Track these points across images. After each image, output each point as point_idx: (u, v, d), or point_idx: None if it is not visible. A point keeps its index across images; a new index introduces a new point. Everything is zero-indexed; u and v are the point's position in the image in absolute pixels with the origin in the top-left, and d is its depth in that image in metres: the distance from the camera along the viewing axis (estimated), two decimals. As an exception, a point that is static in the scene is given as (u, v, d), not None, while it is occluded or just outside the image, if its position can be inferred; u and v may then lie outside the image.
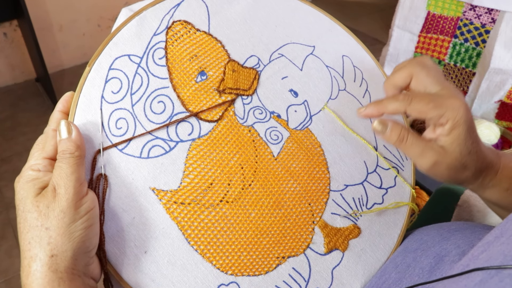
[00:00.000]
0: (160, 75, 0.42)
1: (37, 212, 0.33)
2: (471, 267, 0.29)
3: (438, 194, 0.64)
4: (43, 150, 0.37)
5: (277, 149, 0.44)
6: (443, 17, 1.18)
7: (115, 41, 0.42)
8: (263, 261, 0.41)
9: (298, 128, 0.46)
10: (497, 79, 1.16)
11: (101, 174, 0.38)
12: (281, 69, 0.47)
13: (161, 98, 0.41)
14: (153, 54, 0.42)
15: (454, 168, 0.39)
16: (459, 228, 0.40)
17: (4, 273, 1.21)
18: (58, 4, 1.95)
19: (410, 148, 0.39)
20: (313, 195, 0.44)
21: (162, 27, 0.44)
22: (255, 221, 0.41)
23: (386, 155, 0.49)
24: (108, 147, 0.38)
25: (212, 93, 0.43)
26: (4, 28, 1.88)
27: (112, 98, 0.40)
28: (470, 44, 1.18)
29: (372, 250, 0.45)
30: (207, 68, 0.44)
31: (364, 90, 0.51)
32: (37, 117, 1.83)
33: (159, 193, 0.39)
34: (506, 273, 0.25)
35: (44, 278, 0.32)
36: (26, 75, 2.03)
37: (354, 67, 0.51)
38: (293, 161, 0.44)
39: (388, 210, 0.47)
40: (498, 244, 0.29)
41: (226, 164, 0.42)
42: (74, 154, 0.35)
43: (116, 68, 0.41)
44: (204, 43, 0.45)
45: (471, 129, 0.38)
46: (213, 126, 0.42)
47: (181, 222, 0.39)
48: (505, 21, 1.09)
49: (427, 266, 0.38)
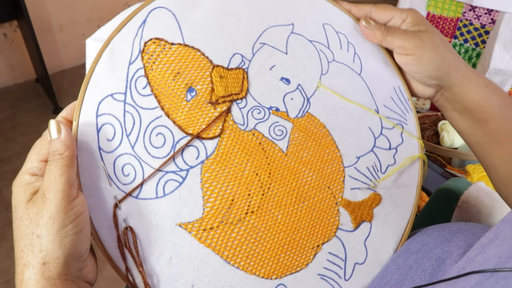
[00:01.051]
0: (149, 106, 0.40)
1: (28, 219, 0.33)
2: (466, 269, 0.30)
3: (438, 194, 0.65)
4: (39, 152, 0.37)
5: (285, 143, 0.44)
6: (442, 18, 1.17)
7: (92, 84, 0.39)
8: (301, 256, 0.42)
9: (299, 116, 0.45)
10: (496, 80, 1.15)
11: (126, 228, 0.37)
12: (266, 59, 0.45)
13: (158, 130, 0.40)
14: (136, 86, 0.40)
15: (430, 61, 0.45)
16: (460, 229, 0.41)
17: (4, 274, 1.23)
18: (58, 5, 1.90)
19: (392, 41, 0.47)
20: (330, 177, 0.45)
21: (135, 52, 0.41)
22: (283, 221, 0.42)
23: (388, 115, 0.49)
24: (123, 199, 0.38)
25: (207, 108, 0.42)
26: (4, 29, 1.83)
27: (109, 146, 0.38)
28: (470, 44, 1.17)
29: (396, 211, 0.47)
30: (194, 82, 0.42)
31: (353, 54, 0.49)
32: (37, 117, 1.81)
33: (186, 227, 0.39)
34: (502, 275, 0.26)
35: (37, 285, 0.32)
36: (26, 75, 2.00)
37: (337, 33, 0.49)
38: (303, 151, 0.44)
39: (402, 167, 0.48)
40: (493, 246, 0.30)
41: (241, 176, 0.42)
42: (63, 155, 0.34)
43: (103, 113, 0.39)
44: (183, 56, 0.42)
45: (438, 33, 0.46)
46: (218, 142, 0.42)
47: (216, 247, 0.40)
48: (504, 22, 1.09)
49: (429, 268, 0.39)
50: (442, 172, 0.87)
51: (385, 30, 0.47)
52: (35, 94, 1.94)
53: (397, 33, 0.46)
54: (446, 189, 0.63)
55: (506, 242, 0.30)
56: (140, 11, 0.42)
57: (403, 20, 0.47)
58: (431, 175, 0.84)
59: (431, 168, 1.08)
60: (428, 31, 0.45)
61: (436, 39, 0.45)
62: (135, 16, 0.41)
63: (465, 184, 0.62)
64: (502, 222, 0.33)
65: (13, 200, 0.35)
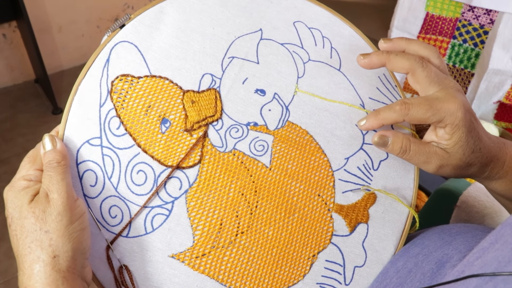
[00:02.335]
0: (126, 145, 0.41)
1: (34, 217, 0.35)
2: (466, 273, 0.29)
3: (436, 195, 0.63)
4: (34, 162, 0.39)
5: (267, 158, 0.44)
6: (441, 18, 1.17)
7: (68, 133, 0.40)
8: (297, 268, 0.43)
9: (279, 127, 0.44)
10: (495, 80, 1.16)
11: (121, 267, 0.39)
12: (238, 73, 0.44)
13: (138, 167, 0.41)
14: (109, 127, 0.41)
15: (459, 168, 0.40)
16: (460, 231, 0.40)
17: (3, 274, 1.25)
18: (57, 5, 1.90)
19: (414, 157, 0.41)
20: (319, 184, 0.44)
21: (104, 94, 0.41)
22: (274, 237, 0.43)
23: (375, 107, 0.47)
24: (114, 240, 0.40)
25: (183, 136, 0.42)
26: (3, 29, 1.86)
27: (93, 192, 0.40)
28: (469, 45, 1.17)
29: (393, 207, 0.46)
30: (167, 113, 0.42)
31: (329, 49, 0.47)
32: (36, 118, 1.83)
33: (179, 257, 0.41)
34: (500, 279, 0.26)
35: (48, 277, 0.33)
36: (25, 76, 2.03)
37: (309, 29, 0.47)
38: (287, 162, 0.44)
39: (396, 159, 0.46)
40: (493, 250, 0.29)
41: (227, 199, 0.42)
42: (61, 163, 0.37)
43: (82, 161, 0.40)
44: (152, 88, 0.42)
45: (472, 129, 0.38)
46: (199, 169, 0.42)
47: (211, 272, 0.41)
48: (503, 22, 1.10)
49: (428, 272, 0.38)
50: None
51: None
52: (34, 94, 1.94)
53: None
54: (445, 189, 0.62)
55: (506, 246, 0.29)
56: (102, 50, 0.42)
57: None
58: (430, 175, 0.81)
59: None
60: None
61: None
62: (98, 56, 0.41)
63: (464, 184, 0.61)
64: (503, 226, 0.32)
65: (10, 204, 0.36)
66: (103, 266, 0.39)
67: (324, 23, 0.47)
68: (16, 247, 0.35)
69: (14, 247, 0.36)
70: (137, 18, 0.43)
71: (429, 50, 0.41)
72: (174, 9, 0.44)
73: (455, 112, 0.38)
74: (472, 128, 0.38)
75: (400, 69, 0.41)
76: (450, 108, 0.38)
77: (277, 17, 0.46)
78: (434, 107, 0.38)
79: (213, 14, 0.44)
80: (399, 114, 0.39)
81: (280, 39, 0.46)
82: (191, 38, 0.44)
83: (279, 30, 0.46)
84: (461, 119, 0.38)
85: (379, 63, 0.42)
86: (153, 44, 0.43)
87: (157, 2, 0.44)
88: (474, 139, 0.39)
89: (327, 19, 0.47)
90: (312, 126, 0.45)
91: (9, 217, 0.36)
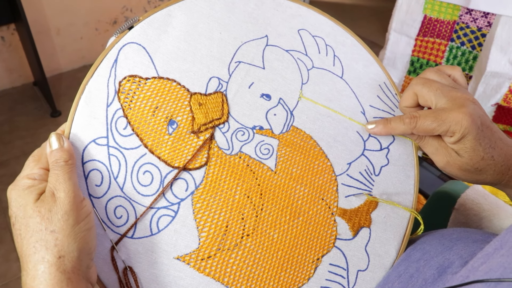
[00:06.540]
0: (132, 146, 0.41)
1: (40, 216, 0.34)
2: (471, 278, 0.29)
3: (435, 197, 0.64)
4: (39, 161, 0.38)
5: (273, 162, 0.44)
6: (439, 21, 1.18)
7: (74, 131, 0.40)
8: (301, 271, 0.43)
9: (283, 131, 0.45)
10: (493, 83, 1.17)
11: (126, 269, 0.39)
12: (244, 77, 0.45)
13: (144, 168, 0.40)
14: (116, 127, 0.40)
15: (467, 171, 0.41)
16: (461, 237, 0.41)
17: (2, 277, 1.22)
18: (55, 8, 1.91)
19: (426, 145, 0.43)
20: (323, 188, 0.45)
21: (111, 94, 0.41)
22: (279, 240, 0.43)
23: (375, 115, 0.48)
24: (118, 241, 0.39)
25: (190, 138, 0.42)
26: (2, 32, 1.86)
27: (98, 192, 0.39)
28: (467, 47, 1.19)
29: (395, 212, 0.46)
30: (174, 114, 0.42)
31: (332, 57, 0.48)
32: (35, 120, 1.82)
33: (184, 259, 0.40)
34: (505, 284, 0.26)
35: (52, 279, 0.33)
36: (24, 78, 2.03)
37: (313, 37, 0.48)
38: (292, 166, 0.44)
39: (396, 165, 0.47)
40: (498, 256, 0.30)
41: (233, 201, 0.42)
42: (68, 162, 0.37)
43: (88, 160, 0.39)
44: (159, 89, 0.42)
45: (482, 137, 0.39)
46: (205, 171, 0.42)
47: (216, 274, 0.40)
48: (501, 25, 1.10)
49: (430, 277, 0.38)
50: (439, 174, 0.86)
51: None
52: (32, 97, 1.95)
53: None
54: (443, 192, 0.63)
55: (511, 252, 0.30)
56: (110, 50, 0.42)
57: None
58: (428, 177, 0.82)
59: (428, 170, 1.07)
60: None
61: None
62: (106, 56, 0.41)
63: (462, 187, 0.62)
64: (507, 232, 0.33)
65: (14, 202, 0.35)
66: (107, 267, 0.38)
67: (328, 32, 0.49)
68: (20, 246, 0.34)
69: (18, 246, 0.35)
70: (146, 20, 0.43)
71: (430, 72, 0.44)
72: (182, 13, 0.44)
73: (460, 121, 0.38)
74: (481, 136, 0.39)
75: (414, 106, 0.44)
76: (456, 117, 0.39)
77: (282, 25, 0.47)
78: (439, 117, 0.39)
79: (220, 19, 0.45)
80: (408, 126, 0.42)
81: (285, 46, 0.47)
82: (199, 42, 0.44)
83: (284, 37, 0.47)
84: (467, 127, 0.38)
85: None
86: (161, 46, 0.43)
87: (166, 5, 0.44)
88: (483, 147, 0.39)
89: (331, 28, 0.49)
90: (315, 131, 0.46)
91: (13, 216, 0.35)
